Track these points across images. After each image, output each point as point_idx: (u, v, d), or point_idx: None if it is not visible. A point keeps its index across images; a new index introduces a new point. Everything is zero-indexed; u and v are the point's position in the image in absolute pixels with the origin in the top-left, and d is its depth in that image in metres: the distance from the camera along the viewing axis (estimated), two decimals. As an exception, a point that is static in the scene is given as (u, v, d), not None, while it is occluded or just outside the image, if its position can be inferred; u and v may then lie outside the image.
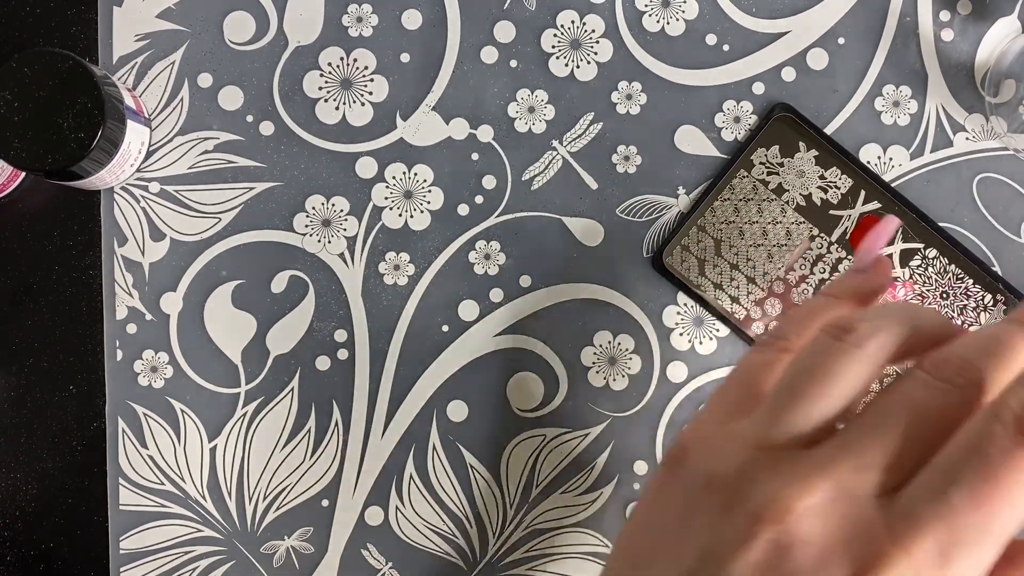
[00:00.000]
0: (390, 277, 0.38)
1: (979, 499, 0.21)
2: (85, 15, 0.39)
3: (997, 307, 0.37)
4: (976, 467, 0.21)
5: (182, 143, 0.38)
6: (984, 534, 0.21)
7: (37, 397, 0.38)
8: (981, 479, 0.21)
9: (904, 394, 0.24)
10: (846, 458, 0.23)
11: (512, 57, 0.39)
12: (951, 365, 0.24)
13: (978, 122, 0.39)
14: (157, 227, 0.38)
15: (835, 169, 0.38)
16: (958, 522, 0.21)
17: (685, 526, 0.25)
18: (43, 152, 0.34)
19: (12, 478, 0.38)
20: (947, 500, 0.21)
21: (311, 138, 0.39)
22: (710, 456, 0.26)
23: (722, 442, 0.26)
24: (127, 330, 0.38)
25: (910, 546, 0.21)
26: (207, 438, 0.38)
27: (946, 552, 0.21)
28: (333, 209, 0.38)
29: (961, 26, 0.39)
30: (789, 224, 0.38)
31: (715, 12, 0.39)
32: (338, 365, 0.38)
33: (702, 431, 0.27)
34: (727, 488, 0.24)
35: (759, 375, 0.27)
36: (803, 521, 0.22)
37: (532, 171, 0.39)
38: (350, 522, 0.38)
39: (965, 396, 0.23)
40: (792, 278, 0.38)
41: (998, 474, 0.21)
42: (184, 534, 0.38)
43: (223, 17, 0.39)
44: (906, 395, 0.24)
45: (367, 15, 0.39)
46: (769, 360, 0.28)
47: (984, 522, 0.21)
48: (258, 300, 0.38)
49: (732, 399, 0.28)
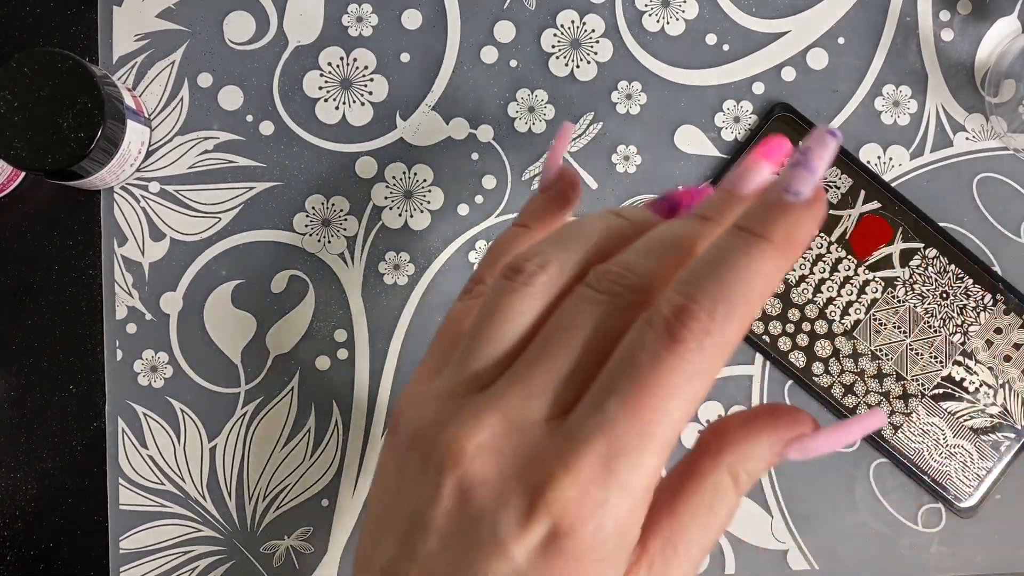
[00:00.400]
0: (390, 277, 0.38)
1: (632, 407, 0.22)
2: (85, 15, 0.39)
3: (997, 306, 0.37)
4: (630, 376, 0.22)
5: (182, 143, 0.38)
6: (643, 440, 0.22)
7: (37, 397, 0.38)
8: (634, 387, 0.22)
9: (567, 312, 0.24)
10: (514, 390, 0.23)
11: (512, 57, 0.39)
12: (611, 274, 0.24)
13: (978, 122, 0.39)
14: (157, 227, 0.38)
15: (835, 169, 0.38)
16: (616, 433, 0.22)
17: (399, 492, 0.25)
18: (43, 152, 0.34)
19: (12, 478, 0.38)
20: (604, 413, 0.22)
21: (311, 138, 0.39)
22: (414, 416, 0.26)
23: (425, 399, 0.26)
24: (127, 330, 0.38)
25: (574, 464, 0.22)
26: (207, 438, 0.38)
27: (608, 464, 0.22)
28: (333, 209, 0.38)
29: (961, 26, 0.39)
30: (789, 224, 0.38)
31: (715, 12, 0.39)
32: (338, 365, 0.38)
33: (413, 392, 0.27)
34: (424, 443, 0.24)
35: (460, 324, 0.28)
36: (476, 460, 0.23)
37: (532, 171, 0.39)
38: (350, 522, 0.38)
39: (628, 304, 0.24)
40: (792, 278, 0.38)
41: (648, 380, 0.22)
42: (184, 534, 0.38)
43: (223, 17, 0.39)
44: (569, 313, 0.24)
45: (367, 15, 0.39)
46: (468, 307, 0.28)
47: (641, 428, 0.22)
48: (258, 300, 0.38)
49: (438, 353, 0.28)
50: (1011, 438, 0.37)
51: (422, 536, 0.24)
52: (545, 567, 0.23)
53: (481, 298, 0.27)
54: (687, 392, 0.22)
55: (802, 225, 0.25)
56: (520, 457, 0.23)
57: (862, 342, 0.37)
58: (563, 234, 0.27)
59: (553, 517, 0.22)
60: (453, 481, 0.23)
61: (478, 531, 0.23)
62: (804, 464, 0.38)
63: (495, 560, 0.23)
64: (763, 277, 0.24)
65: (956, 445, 0.37)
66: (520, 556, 0.23)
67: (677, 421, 0.23)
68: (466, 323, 0.27)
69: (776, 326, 0.38)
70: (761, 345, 0.37)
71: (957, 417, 0.37)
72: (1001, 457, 0.37)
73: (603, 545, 0.23)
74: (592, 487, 0.22)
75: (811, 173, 0.26)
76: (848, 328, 0.37)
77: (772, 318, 0.38)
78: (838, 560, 0.38)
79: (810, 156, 0.26)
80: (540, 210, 0.30)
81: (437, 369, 0.27)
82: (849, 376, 0.37)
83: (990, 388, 0.37)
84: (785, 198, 0.26)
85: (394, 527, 0.25)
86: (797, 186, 0.26)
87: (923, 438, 0.37)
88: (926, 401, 0.37)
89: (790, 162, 0.25)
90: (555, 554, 0.23)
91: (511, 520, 0.23)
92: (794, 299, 0.38)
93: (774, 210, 0.25)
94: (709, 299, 0.23)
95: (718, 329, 0.23)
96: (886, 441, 0.37)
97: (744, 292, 0.23)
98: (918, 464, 0.37)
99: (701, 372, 0.23)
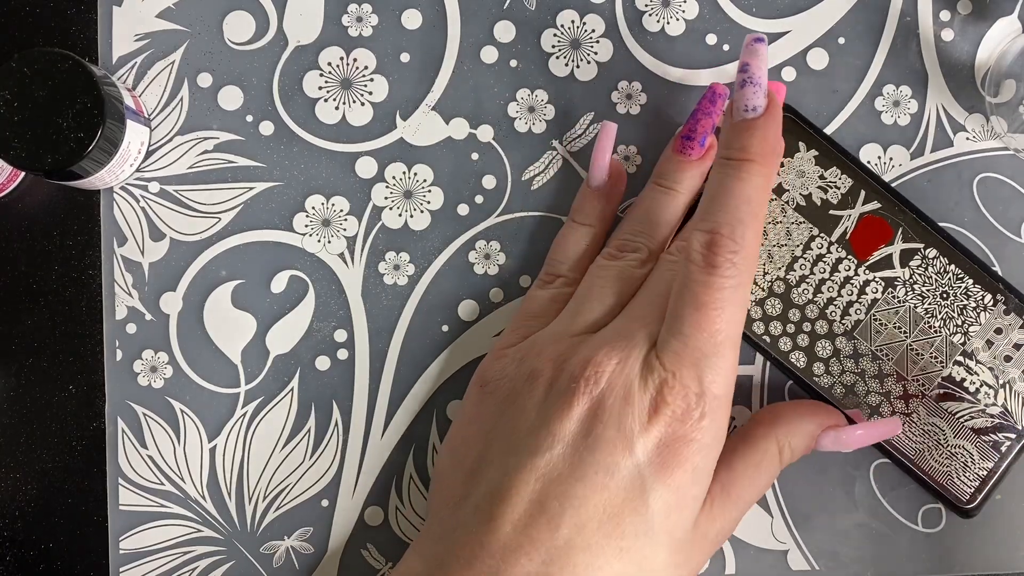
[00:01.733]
0: (390, 277, 0.38)
1: (699, 323, 0.29)
2: (85, 15, 0.39)
3: (997, 307, 0.37)
4: (689, 302, 0.30)
5: (182, 143, 0.38)
6: (716, 345, 0.30)
7: (37, 397, 0.38)
8: (696, 309, 0.29)
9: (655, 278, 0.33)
10: (618, 331, 0.31)
11: (512, 57, 0.39)
12: (620, 245, 0.35)
13: (978, 122, 0.39)
14: (157, 227, 0.38)
15: (835, 169, 0.38)
16: (694, 345, 0.30)
17: (512, 418, 0.31)
18: (42, 152, 0.34)
19: (12, 478, 0.38)
20: (682, 333, 0.30)
21: (311, 138, 0.39)
22: (527, 360, 0.32)
23: (536, 347, 0.33)
24: (127, 330, 0.38)
25: (676, 373, 0.29)
26: (207, 438, 0.38)
27: (697, 367, 0.30)
28: (333, 209, 0.38)
29: (961, 26, 0.39)
30: (789, 224, 0.38)
31: (715, 12, 0.39)
32: (338, 365, 0.38)
33: (503, 350, 0.34)
34: (549, 372, 0.31)
35: (548, 307, 0.35)
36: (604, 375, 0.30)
37: (532, 171, 0.39)
38: (350, 522, 0.38)
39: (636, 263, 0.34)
40: (792, 278, 0.38)
41: (704, 300, 0.29)
42: (184, 534, 0.38)
43: (223, 17, 0.39)
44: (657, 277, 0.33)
45: (367, 15, 0.39)
46: (552, 295, 0.35)
47: (711, 336, 0.30)
48: (258, 300, 0.38)
49: (521, 328, 0.35)
50: (1012, 438, 0.37)
51: (546, 446, 0.29)
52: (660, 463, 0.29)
53: (569, 287, 0.35)
54: (736, 298, 0.30)
55: (770, 133, 0.31)
56: (634, 375, 0.30)
57: (863, 342, 0.37)
58: (634, 224, 0.35)
59: (668, 419, 0.29)
60: (587, 393, 0.30)
61: (606, 430, 0.29)
62: (804, 464, 0.38)
63: (619, 453, 0.29)
64: (757, 190, 0.30)
65: (957, 445, 0.37)
66: (640, 451, 0.29)
67: (737, 322, 0.30)
68: (554, 306, 0.35)
69: (776, 326, 0.37)
70: (761, 345, 0.37)
71: (958, 417, 0.37)
72: (1002, 457, 0.37)
73: (702, 448, 0.29)
74: (691, 391, 0.29)
75: (757, 86, 0.32)
76: (848, 328, 0.37)
77: (772, 318, 0.38)
78: (838, 560, 0.38)
79: (750, 71, 0.32)
80: (593, 208, 0.36)
81: (523, 336, 0.34)
82: (850, 376, 0.37)
83: (991, 388, 0.37)
84: (747, 117, 0.31)
85: (506, 448, 0.31)
86: (752, 102, 0.31)
87: (924, 438, 0.37)
88: (927, 401, 0.37)
89: (736, 84, 0.32)
90: (668, 452, 0.29)
91: (636, 419, 0.29)
92: (794, 299, 0.38)
93: (742, 132, 0.31)
94: (726, 227, 0.30)
95: (740, 245, 0.29)
96: (887, 441, 0.37)
97: (748, 209, 0.30)
98: (919, 464, 0.37)
99: (741, 281, 0.30)
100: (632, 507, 0.29)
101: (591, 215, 0.36)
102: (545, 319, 0.34)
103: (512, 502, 0.29)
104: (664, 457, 0.29)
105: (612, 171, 0.36)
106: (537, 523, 0.29)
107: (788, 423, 0.34)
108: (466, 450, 0.33)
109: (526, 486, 0.29)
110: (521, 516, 0.29)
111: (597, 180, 0.36)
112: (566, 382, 0.30)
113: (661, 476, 0.29)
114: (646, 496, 0.29)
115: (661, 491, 0.29)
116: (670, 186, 0.36)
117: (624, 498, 0.29)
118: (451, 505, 0.31)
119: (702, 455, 0.30)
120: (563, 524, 0.28)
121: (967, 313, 0.37)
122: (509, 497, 0.29)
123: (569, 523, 0.28)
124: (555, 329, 0.33)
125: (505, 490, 0.29)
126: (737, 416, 0.38)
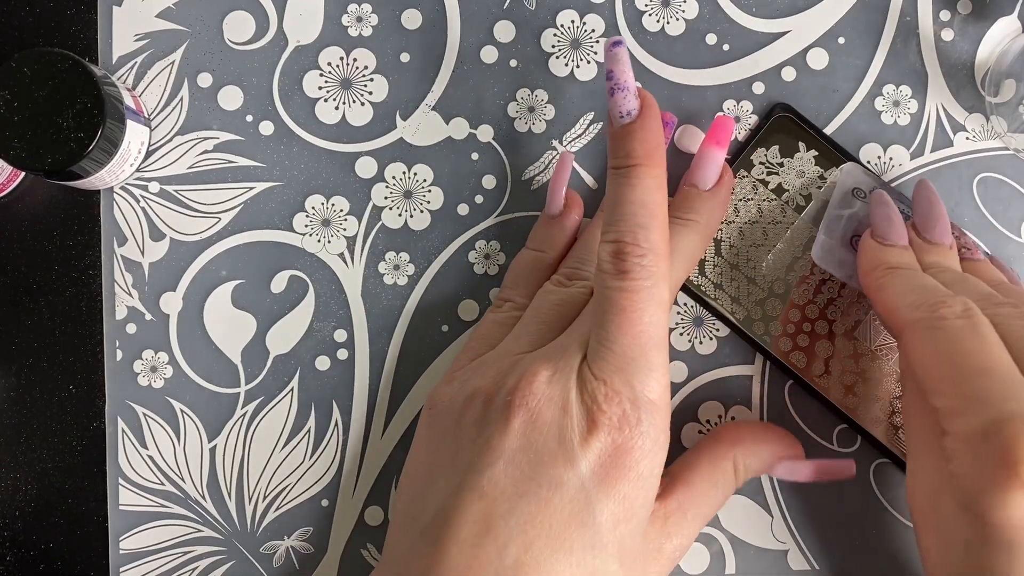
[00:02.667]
0: (390, 277, 0.38)
1: (622, 327, 0.29)
2: (85, 15, 0.39)
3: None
4: (609, 309, 0.30)
5: (182, 143, 0.38)
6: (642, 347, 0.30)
7: (37, 397, 0.38)
8: (616, 314, 0.30)
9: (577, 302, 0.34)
10: (554, 348, 0.32)
11: (512, 57, 0.39)
12: (567, 273, 0.35)
13: (978, 122, 0.39)
14: (157, 227, 0.38)
15: (832, 169, 0.38)
16: (619, 350, 0.29)
17: (455, 438, 0.31)
18: (43, 152, 0.34)
19: (12, 478, 0.38)
20: (606, 340, 0.30)
21: (311, 138, 0.39)
22: (470, 381, 0.32)
23: (480, 368, 0.33)
24: (127, 330, 0.38)
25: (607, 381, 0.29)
26: (207, 438, 0.38)
27: (625, 371, 0.29)
28: (333, 209, 0.38)
29: (961, 26, 0.39)
30: (789, 224, 0.38)
31: (715, 12, 0.39)
32: (338, 365, 0.38)
33: (454, 375, 0.34)
34: (487, 390, 0.31)
35: (496, 330, 0.35)
36: (540, 389, 0.30)
37: (532, 171, 0.39)
38: (350, 522, 0.38)
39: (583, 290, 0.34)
40: (792, 278, 0.38)
41: (623, 304, 0.29)
42: (184, 534, 0.38)
43: (223, 17, 0.39)
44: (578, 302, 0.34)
45: (367, 15, 0.39)
46: (501, 318, 0.36)
47: (635, 339, 0.30)
48: (258, 300, 0.38)
49: (474, 347, 0.35)
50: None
51: (487, 463, 0.29)
52: (603, 473, 0.29)
53: (519, 310, 0.36)
54: (654, 299, 0.30)
55: (648, 134, 0.31)
56: (571, 386, 0.30)
57: (862, 342, 0.37)
58: (582, 255, 0.36)
59: (607, 428, 0.29)
60: (523, 406, 0.29)
61: (546, 442, 0.29)
62: (804, 464, 0.38)
63: (561, 466, 0.29)
64: (650, 191, 0.30)
65: None
66: (583, 463, 0.29)
67: (659, 324, 0.30)
68: (502, 329, 0.35)
69: (776, 326, 0.38)
70: (761, 345, 0.37)
71: None
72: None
73: (644, 455, 0.29)
74: (624, 396, 0.29)
75: (626, 90, 0.32)
76: (849, 328, 0.37)
77: (773, 318, 0.38)
78: (838, 560, 0.38)
79: (615, 77, 0.32)
80: (549, 236, 0.37)
81: (472, 359, 0.34)
82: (850, 376, 0.37)
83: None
84: (624, 123, 0.31)
85: (450, 469, 0.31)
86: (624, 107, 0.32)
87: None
88: None
89: (607, 92, 0.32)
90: (610, 462, 0.29)
91: (575, 430, 0.29)
92: (795, 300, 0.38)
93: (623, 138, 0.31)
94: (628, 234, 0.30)
95: (646, 248, 0.29)
96: (888, 442, 0.37)
97: (646, 211, 0.30)
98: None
99: (656, 282, 0.30)
100: (579, 520, 0.28)
101: (545, 242, 0.37)
102: (493, 341, 0.35)
103: (457, 523, 0.29)
104: (607, 467, 0.29)
105: (568, 200, 0.37)
106: (484, 543, 0.28)
107: (750, 446, 0.34)
108: (415, 473, 0.33)
109: (471, 506, 0.29)
110: (467, 537, 0.28)
111: (553, 209, 0.37)
112: (504, 398, 0.30)
113: (605, 487, 0.29)
114: (592, 508, 0.28)
115: (607, 502, 0.29)
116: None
117: (570, 512, 0.28)
118: (403, 528, 0.31)
119: (645, 461, 0.29)
120: (510, 543, 0.28)
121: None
122: (454, 518, 0.29)
123: (516, 541, 0.28)
124: (498, 351, 0.34)
125: (450, 512, 0.29)
126: (737, 417, 0.38)
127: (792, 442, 0.36)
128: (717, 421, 0.38)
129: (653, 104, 0.32)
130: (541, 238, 0.37)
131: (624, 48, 0.32)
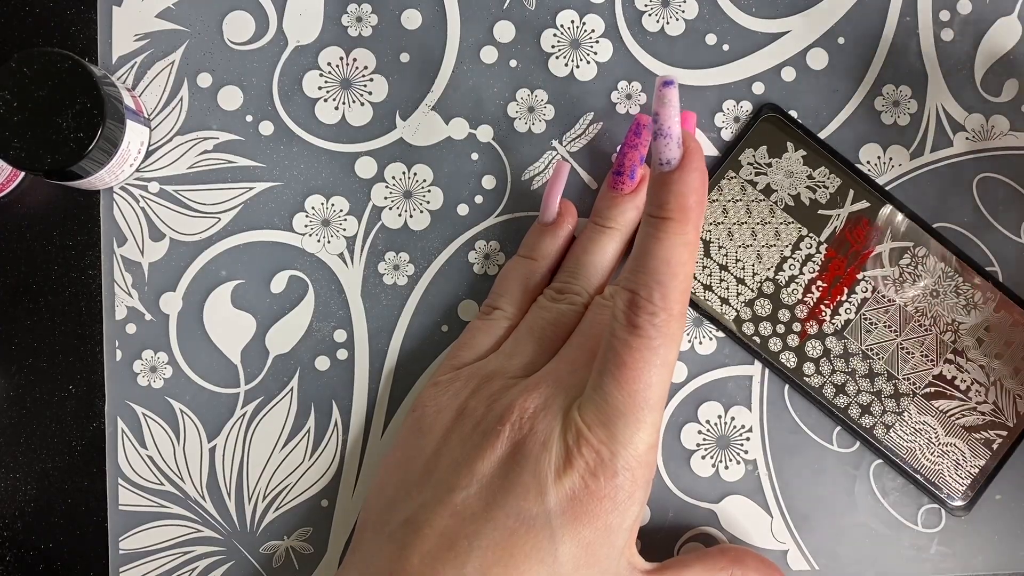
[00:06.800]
0: (390, 277, 0.38)
1: (619, 381, 0.29)
2: (85, 15, 0.39)
3: (987, 304, 0.38)
4: (612, 360, 0.29)
5: (181, 143, 0.38)
6: (635, 404, 0.29)
7: (36, 397, 0.38)
8: (617, 367, 0.29)
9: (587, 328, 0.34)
10: (549, 379, 0.32)
11: (512, 57, 0.39)
12: (559, 288, 0.36)
13: (978, 122, 0.39)
14: (156, 227, 0.38)
15: (823, 168, 0.38)
16: (612, 403, 0.29)
17: (436, 452, 0.32)
18: (42, 152, 0.34)
19: (12, 478, 0.38)
20: (602, 389, 0.29)
21: (311, 138, 0.39)
22: (460, 394, 0.33)
23: (471, 383, 0.33)
24: (126, 330, 0.38)
25: (591, 427, 0.29)
26: (206, 438, 0.38)
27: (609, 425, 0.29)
28: (332, 209, 0.38)
29: (961, 26, 0.39)
30: (778, 224, 0.38)
31: (715, 12, 0.39)
32: (338, 365, 0.38)
33: (440, 382, 0.34)
34: (477, 411, 0.32)
35: (483, 338, 0.36)
36: (528, 419, 0.30)
37: (532, 171, 0.39)
38: (350, 522, 0.38)
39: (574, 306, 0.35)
40: (782, 278, 0.38)
41: (625, 359, 0.29)
42: (183, 534, 0.38)
43: (223, 17, 0.39)
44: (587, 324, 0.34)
45: (367, 15, 0.39)
46: (490, 327, 0.36)
47: (630, 395, 0.29)
48: (258, 300, 0.38)
49: (460, 354, 0.35)
50: (1003, 436, 0.37)
51: (464, 484, 0.30)
52: (571, 514, 0.29)
53: (508, 320, 0.36)
54: (659, 358, 0.29)
55: (685, 188, 0.29)
56: (556, 423, 0.30)
57: (853, 342, 0.37)
58: (580, 271, 0.36)
59: (581, 472, 0.29)
60: (510, 437, 0.30)
61: (522, 474, 0.29)
62: (804, 464, 0.38)
63: (532, 499, 0.29)
64: (675, 249, 0.29)
65: (948, 443, 0.37)
66: (552, 499, 0.29)
67: (659, 384, 0.29)
68: (489, 338, 0.35)
69: (766, 327, 0.38)
70: (751, 346, 0.38)
71: (949, 415, 0.37)
72: (994, 455, 0.37)
73: (616, 507, 0.29)
74: (604, 447, 0.29)
75: (668, 137, 0.29)
76: (839, 328, 0.38)
77: (762, 319, 0.38)
78: (838, 560, 0.38)
79: (660, 121, 0.29)
80: (542, 244, 0.37)
81: (457, 366, 0.35)
82: (840, 376, 0.37)
83: (981, 386, 0.37)
84: (662, 171, 0.29)
85: (427, 481, 0.31)
86: (664, 155, 0.29)
87: (915, 437, 0.37)
88: (918, 400, 0.37)
89: (653, 134, 0.29)
90: (579, 506, 0.29)
91: (551, 467, 0.29)
92: (784, 300, 0.38)
93: (660, 187, 0.29)
94: (644, 288, 0.29)
95: (659, 307, 0.29)
96: (879, 441, 0.37)
97: (667, 270, 0.29)
98: (910, 463, 0.37)
99: (664, 342, 0.29)
100: (539, 556, 0.29)
101: (537, 250, 0.37)
102: (479, 350, 0.35)
103: (424, 534, 0.29)
104: (575, 510, 0.29)
105: (562, 209, 0.37)
106: (444, 558, 0.29)
107: (748, 569, 0.34)
108: (392, 476, 0.33)
109: (440, 520, 0.30)
110: (431, 550, 0.29)
111: (546, 217, 0.37)
112: (492, 423, 0.31)
113: (571, 528, 0.29)
114: (555, 546, 0.29)
115: (569, 544, 0.29)
116: (606, 224, 0.36)
117: (532, 545, 0.29)
118: (372, 529, 0.32)
119: (615, 514, 0.29)
120: (468, 563, 0.29)
121: (957, 311, 0.38)
122: (421, 529, 0.30)
123: (474, 563, 0.29)
124: (491, 367, 0.34)
125: (420, 522, 0.30)
126: (737, 417, 0.38)
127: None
128: (717, 421, 0.38)
129: (695, 155, 0.29)
130: (533, 245, 0.37)
131: (674, 89, 0.28)
